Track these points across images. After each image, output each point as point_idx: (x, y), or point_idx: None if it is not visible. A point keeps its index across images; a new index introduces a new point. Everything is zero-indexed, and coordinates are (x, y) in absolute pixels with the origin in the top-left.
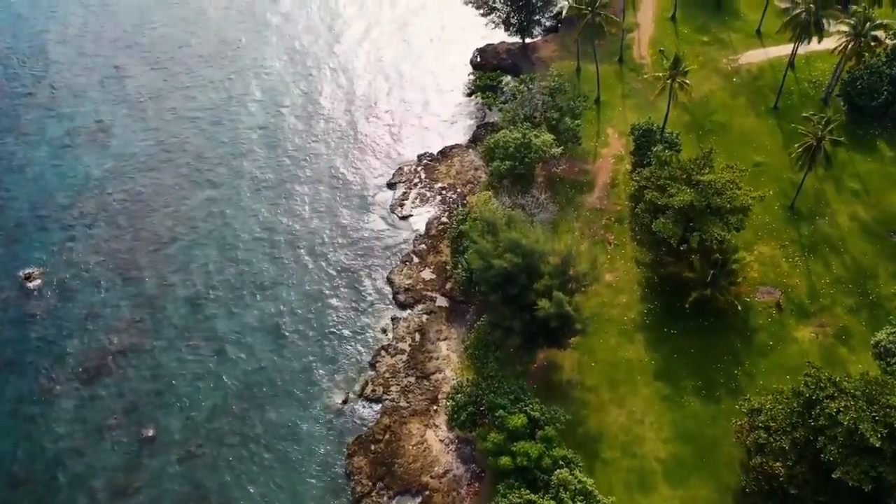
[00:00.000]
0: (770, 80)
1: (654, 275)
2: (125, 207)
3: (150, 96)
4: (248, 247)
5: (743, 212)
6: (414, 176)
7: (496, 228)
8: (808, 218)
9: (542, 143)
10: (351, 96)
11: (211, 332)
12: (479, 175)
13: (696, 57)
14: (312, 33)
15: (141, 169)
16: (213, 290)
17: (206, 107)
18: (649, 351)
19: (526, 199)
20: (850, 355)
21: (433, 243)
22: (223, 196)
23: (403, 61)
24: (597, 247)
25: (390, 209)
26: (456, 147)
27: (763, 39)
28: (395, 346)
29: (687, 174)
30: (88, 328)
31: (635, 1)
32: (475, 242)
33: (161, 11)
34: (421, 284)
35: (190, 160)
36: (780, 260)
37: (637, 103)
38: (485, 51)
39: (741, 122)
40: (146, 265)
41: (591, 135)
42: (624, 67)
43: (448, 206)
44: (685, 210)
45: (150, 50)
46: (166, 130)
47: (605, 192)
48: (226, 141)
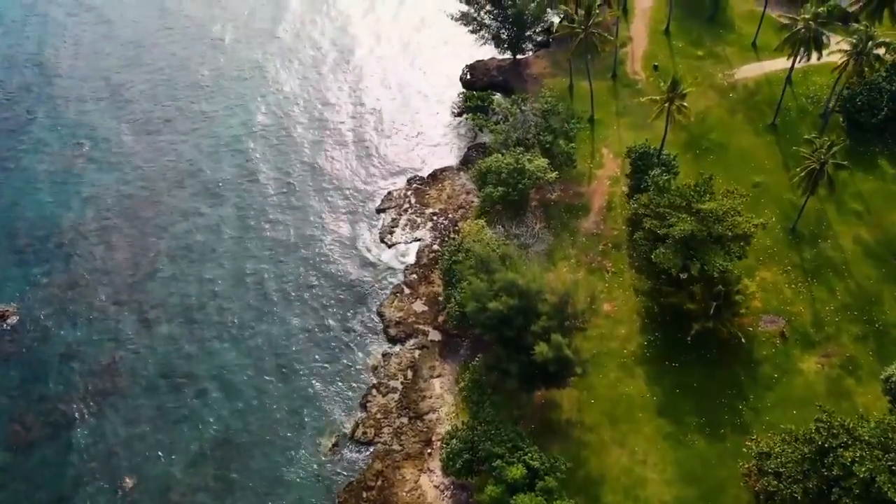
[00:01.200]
0: (767, 95)
1: (653, 304)
2: (103, 239)
3: (129, 121)
4: (231, 280)
5: (745, 239)
6: (404, 201)
7: (490, 266)
8: (811, 241)
9: (536, 168)
10: (338, 119)
11: (192, 372)
12: (471, 199)
13: (692, 73)
14: (297, 55)
15: (120, 198)
16: (193, 326)
17: (186, 132)
18: (650, 385)
19: (520, 229)
20: (857, 387)
21: (424, 273)
22: (205, 227)
23: (390, 80)
24: (594, 275)
25: (380, 237)
26: (447, 169)
27: (759, 53)
28: (386, 384)
29: (687, 202)
30: (65, 369)
31: (628, 14)
32: (469, 283)
33: (134, 30)
34: (412, 317)
35: (170, 189)
36: (783, 286)
37: (632, 121)
38: (475, 68)
39: (739, 141)
40: (125, 300)
41: (586, 155)
42: (618, 84)
43: (439, 232)
44: (685, 239)
45: (131, 73)
46: (146, 157)
47: (601, 216)
48: (207, 171)
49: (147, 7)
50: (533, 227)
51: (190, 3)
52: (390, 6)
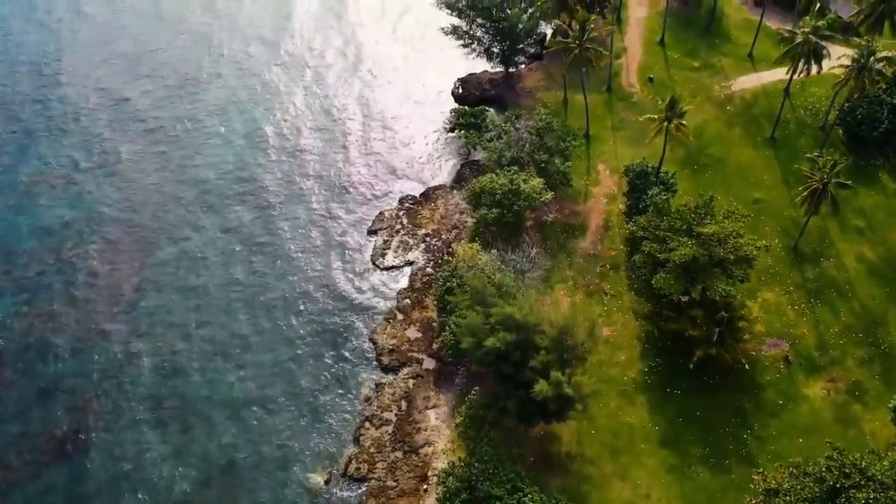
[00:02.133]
0: (765, 107)
1: (653, 328)
2: (87, 265)
3: (113, 140)
4: (219, 307)
5: (747, 262)
6: (396, 222)
7: (486, 298)
8: (813, 260)
9: (532, 189)
10: (327, 138)
11: (178, 405)
12: (465, 219)
13: (688, 85)
14: (287, 68)
15: (104, 221)
16: (179, 357)
17: (173, 151)
18: (652, 414)
19: (516, 253)
20: (864, 413)
21: (418, 297)
22: (190, 252)
23: (381, 96)
24: (592, 298)
25: (371, 260)
26: (440, 188)
27: (755, 63)
28: (379, 415)
29: (687, 225)
30: (46, 405)
31: (622, 24)
32: (464, 317)
33: (111, 49)
34: (406, 344)
35: (156, 211)
36: (786, 307)
37: (628, 136)
38: (467, 81)
39: (737, 155)
40: (109, 330)
41: (581, 172)
42: (613, 97)
43: (433, 254)
44: (687, 264)
45: (111, 92)
46: (131, 177)
47: (598, 236)
48: (193, 191)
49: (136, 16)
50: (529, 252)
51: (186, 14)
52: (378, 19)
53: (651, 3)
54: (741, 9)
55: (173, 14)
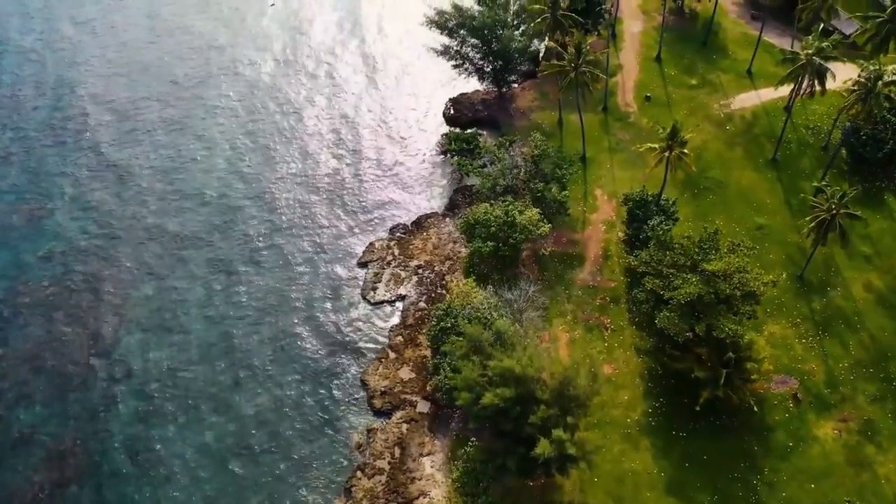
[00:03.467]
0: (766, 127)
1: (656, 365)
2: (64, 301)
3: (92, 170)
4: (201, 347)
5: (754, 298)
6: (387, 253)
7: (482, 347)
8: (820, 289)
9: (528, 221)
10: (312, 162)
11: (158, 454)
12: (459, 249)
13: (686, 103)
14: (269, 96)
15: (83, 255)
16: (160, 402)
17: (154, 182)
18: (657, 459)
19: (513, 291)
20: (877, 455)
21: (411, 334)
22: (173, 287)
23: (369, 119)
24: (592, 332)
25: (362, 294)
26: (432, 216)
27: (755, 80)
28: (372, 464)
29: (692, 261)
30: (21, 455)
31: (616, 39)
32: (459, 371)
33: (89, 72)
34: (399, 386)
35: (136, 245)
36: (793, 341)
37: (625, 158)
38: (458, 102)
39: (739, 178)
40: (87, 373)
41: (578, 197)
42: (609, 117)
43: (426, 287)
44: (691, 302)
45: (90, 120)
46: (111, 209)
47: (597, 266)
48: (175, 223)
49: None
50: (526, 290)
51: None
52: (366, 39)
53: (646, 18)
54: (738, 22)
55: (137, 45)
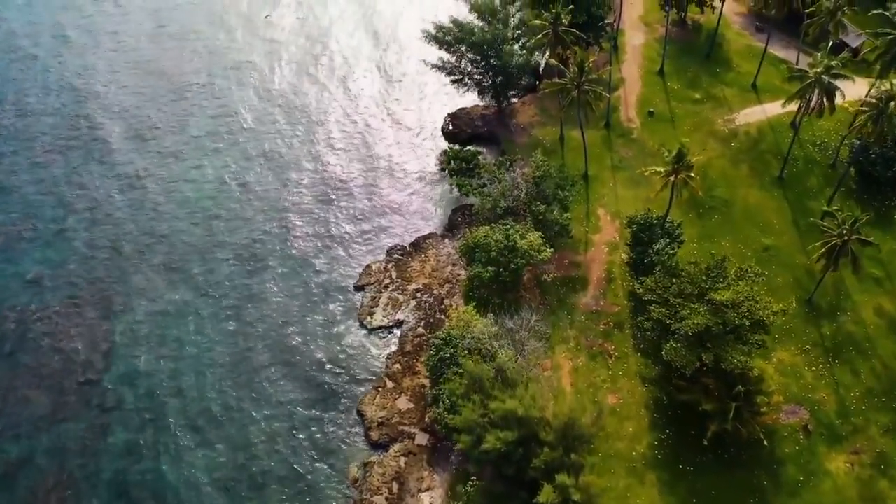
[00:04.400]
0: (771, 143)
1: (662, 394)
2: (52, 328)
3: (79, 188)
4: (192, 375)
5: (763, 327)
6: (384, 276)
7: (483, 385)
8: (829, 314)
9: (529, 245)
10: (307, 180)
11: (148, 489)
12: (458, 272)
13: (690, 118)
14: (265, 111)
15: (72, 279)
16: (152, 432)
17: (144, 202)
18: (664, 495)
19: (514, 320)
20: (891, 489)
21: (409, 362)
22: (164, 311)
23: (366, 135)
24: (595, 360)
25: (358, 320)
26: (430, 237)
27: (760, 94)
28: (368, 500)
29: (699, 289)
30: (7, 489)
31: (618, 52)
32: (458, 411)
33: (74, 92)
34: (396, 417)
35: (127, 267)
36: (803, 368)
37: (628, 176)
38: (457, 117)
39: (745, 197)
40: (76, 403)
41: (580, 217)
42: (612, 133)
43: (424, 312)
44: (699, 332)
45: (79, 137)
46: (100, 230)
47: (600, 290)
48: (166, 245)
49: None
50: (528, 318)
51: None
52: (362, 53)
53: (648, 29)
54: (742, 34)
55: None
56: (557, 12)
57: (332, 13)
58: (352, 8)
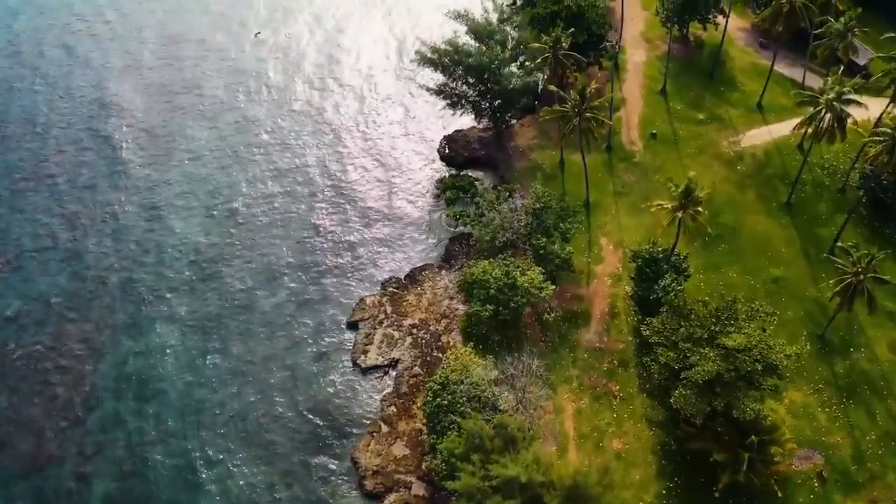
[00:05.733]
0: (778, 166)
1: (670, 439)
2: (31, 367)
3: (60, 217)
4: (178, 419)
5: (776, 371)
6: (379, 310)
7: (483, 444)
8: (842, 351)
9: (530, 283)
10: (298, 208)
11: None
12: (455, 307)
13: (694, 140)
14: (256, 136)
15: (53, 315)
16: (135, 481)
17: (129, 231)
18: None
19: (515, 365)
20: None
21: (405, 404)
22: (149, 350)
23: (359, 157)
24: (599, 402)
25: (352, 358)
26: (426, 268)
27: (765, 114)
28: None
29: (709, 332)
30: None
31: (619, 70)
32: (457, 475)
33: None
34: (392, 464)
35: (111, 303)
36: (816, 409)
37: (631, 203)
38: (454, 140)
39: (752, 224)
40: (57, 449)
41: (582, 247)
42: (613, 157)
43: (421, 350)
44: (710, 380)
45: (62, 162)
46: (82, 263)
47: (603, 326)
48: (151, 277)
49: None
50: (529, 363)
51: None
52: (355, 72)
53: (649, 46)
54: (746, 50)
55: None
56: (557, 35)
57: (322, 30)
58: (342, 25)
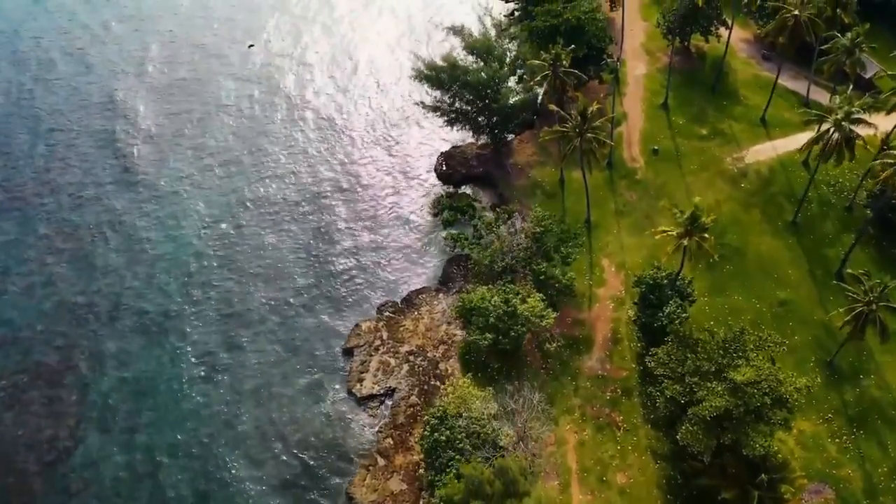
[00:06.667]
0: (783, 183)
1: (675, 472)
2: (15, 401)
3: (47, 236)
4: (166, 453)
5: (785, 405)
6: (374, 337)
7: (483, 490)
8: (851, 378)
9: (530, 311)
10: (291, 228)
11: None
12: (454, 332)
13: (696, 157)
14: (247, 157)
15: (36, 344)
16: None
17: (117, 249)
18: None
19: (515, 398)
20: None
21: (401, 436)
22: (136, 381)
23: (353, 175)
24: (603, 432)
25: (347, 387)
26: (423, 291)
27: (769, 129)
28: None
29: (717, 366)
30: None
31: (619, 83)
32: None
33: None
34: (389, 500)
35: (97, 330)
36: (826, 440)
37: (633, 222)
38: (451, 156)
39: (757, 244)
40: (36, 487)
41: (583, 269)
42: (614, 174)
43: (418, 378)
44: (718, 415)
45: (45, 186)
46: (66, 288)
47: (606, 352)
48: (142, 300)
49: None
50: (531, 397)
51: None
52: (350, 87)
53: (650, 59)
54: (749, 62)
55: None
56: (557, 53)
57: (316, 42)
58: (335, 40)
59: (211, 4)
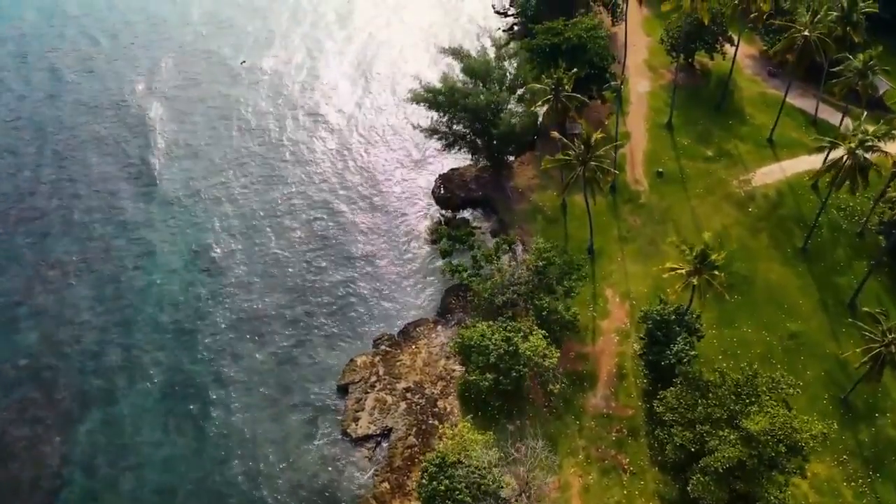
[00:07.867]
0: (792, 207)
1: None
2: None
3: (27, 265)
4: (155, 496)
5: (800, 453)
6: (370, 372)
7: None
8: (867, 416)
9: (533, 350)
10: (283, 256)
11: None
12: (452, 367)
13: (702, 179)
14: (241, 176)
15: (20, 380)
16: None
17: (104, 277)
18: None
19: (518, 446)
20: None
21: (398, 479)
22: (123, 420)
23: (348, 198)
24: (608, 476)
25: (342, 427)
26: (420, 323)
27: (777, 150)
28: None
29: (729, 413)
30: None
31: (622, 102)
32: None
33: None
34: None
35: (82, 364)
36: (841, 484)
37: (637, 249)
38: (449, 179)
39: (766, 272)
40: None
41: (587, 299)
42: (618, 198)
43: (416, 416)
44: (731, 466)
45: (44, 205)
46: (52, 320)
47: (611, 389)
48: (125, 339)
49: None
50: (534, 445)
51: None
52: (345, 107)
53: (653, 76)
54: (755, 80)
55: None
56: (559, 77)
57: (312, 57)
58: (330, 54)
59: (222, 16)
